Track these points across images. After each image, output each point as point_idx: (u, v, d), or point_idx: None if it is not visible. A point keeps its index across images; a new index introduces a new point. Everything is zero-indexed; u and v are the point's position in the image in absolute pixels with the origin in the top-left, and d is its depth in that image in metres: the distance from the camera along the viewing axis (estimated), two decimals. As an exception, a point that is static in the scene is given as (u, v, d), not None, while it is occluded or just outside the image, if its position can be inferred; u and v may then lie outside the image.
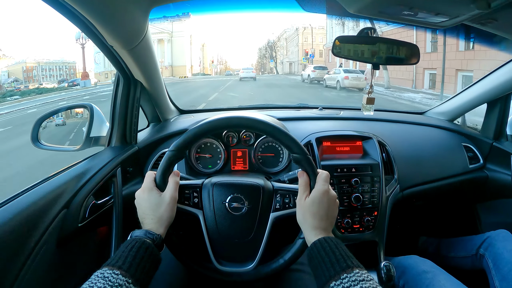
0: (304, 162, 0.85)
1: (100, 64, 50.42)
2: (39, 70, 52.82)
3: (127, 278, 0.65)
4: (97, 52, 50.40)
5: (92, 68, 53.01)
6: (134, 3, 0.95)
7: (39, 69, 52.91)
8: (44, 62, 54.01)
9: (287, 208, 0.91)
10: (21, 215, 0.81)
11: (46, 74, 53.64)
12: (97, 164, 1.15)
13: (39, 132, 1.25)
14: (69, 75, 54.86)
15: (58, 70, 55.19)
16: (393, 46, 1.17)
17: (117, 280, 0.64)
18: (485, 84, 1.64)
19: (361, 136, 1.49)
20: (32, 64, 52.86)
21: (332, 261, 0.70)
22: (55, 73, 54.57)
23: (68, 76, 53.16)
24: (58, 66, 55.16)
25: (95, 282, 0.63)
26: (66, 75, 54.65)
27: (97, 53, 50.13)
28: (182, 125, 1.60)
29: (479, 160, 1.70)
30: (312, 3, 1.32)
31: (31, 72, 52.09)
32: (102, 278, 0.64)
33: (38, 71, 52.52)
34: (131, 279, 0.65)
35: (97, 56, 50.62)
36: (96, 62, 51.47)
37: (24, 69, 51.81)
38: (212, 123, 0.89)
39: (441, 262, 1.27)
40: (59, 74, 55.03)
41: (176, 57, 50.78)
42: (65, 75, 54.80)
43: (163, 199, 0.83)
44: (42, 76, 52.27)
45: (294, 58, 52.84)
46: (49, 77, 52.58)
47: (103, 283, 0.63)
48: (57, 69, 55.01)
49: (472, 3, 0.87)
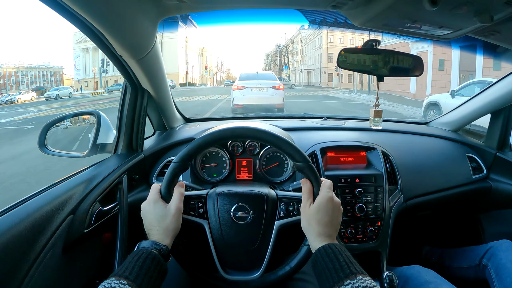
0: (307, 170, 0.86)
1: (80, 70, 47.28)
2: (20, 76, 48.77)
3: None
4: (77, 57, 47.12)
5: (72, 75, 49.88)
6: (143, 14, 0.98)
7: (19, 74, 48.99)
8: (25, 67, 50.10)
9: (292, 216, 0.91)
10: (28, 220, 0.82)
11: (27, 80, 49.34)
12: (103, 170, 1.16)
13: (46, 137, 1.27)
14: (55, 82, 50.61)
15: (42, 76, 51.21)
16: (397, 57, 1.18)
17: None
18: (489, 95, 1.65)
19: (365, 147, 1.50)
20: (11, 69, 48.95)
21: (336, 268, 0.71)
22: (38, 80, 50.57)
23: (53, 84, 48.95)
24: (42, 72, 51.39)
25: None
26: (51, 82, 50.31)
27: (77, 58, 46.53)
28: (187, 133, 1.62)
29: (482, 171, 1.70)
30: (317, 16, 1.34)
31: (9, 78, 48.34)
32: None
33: (19, 77, 48.45)
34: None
35: (77, 61, 47.51)
36: (76, 68, 48.19)
37: (1, 75, 47.96)
38: (216, 134, 0.90)
39: (444, 272, 1.27)
40: (42, 80, 50.83)
41: (166, 63, 44.60)
42: (49, 82, 50.38)
43: (168, 210, 0.84)
44: (22, 83, 48.37)
45: (314, 64, 44.27)
46: (30, 84, 48.65)
47: None
48: (40, 75, 51.13)
49: (475, 16, 0.89)
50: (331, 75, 36.95)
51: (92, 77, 44.12)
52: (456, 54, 15.94)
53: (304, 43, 49.57)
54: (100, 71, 32.13)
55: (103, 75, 32.50)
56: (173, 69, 48.77)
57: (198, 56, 64.63)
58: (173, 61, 48.72)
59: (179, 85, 45.42)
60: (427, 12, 0.84)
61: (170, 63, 47.42)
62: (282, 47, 59.90)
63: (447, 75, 16.66)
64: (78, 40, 45.83)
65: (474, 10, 0.87)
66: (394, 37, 14.06)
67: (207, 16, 1.27)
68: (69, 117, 1.39)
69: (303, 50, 50.58)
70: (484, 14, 0.88)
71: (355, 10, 0.97)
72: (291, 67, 55.51)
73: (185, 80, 51.91)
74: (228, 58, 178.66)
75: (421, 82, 18.58)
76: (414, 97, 18.96)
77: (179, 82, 47.42)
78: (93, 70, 42.17)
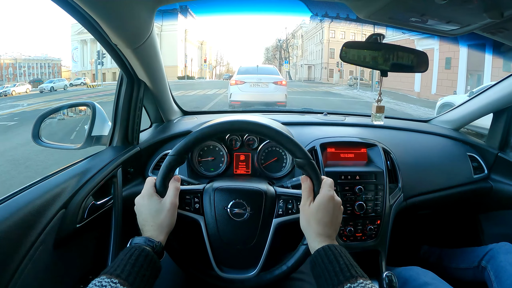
0: (308, 167, 0.85)
1: (78, 62, 47.44)
2: (17, 67, 49.12)
3: (125, 287, 0.63)
4: (75, 48, 47.25)
5: (70, 67, 49.98)
6: (140, 1, 0.94)
7: (17, 66, 49.33)
8: (23, 59, 50.28)
9: (290, 214, 0.90)
10: (17, 215, 0.80)
11: (24, 72, 49.71)
12: (97, 163, 1.14)
13: (40, 129, 1.25)
14: (53, 74, 50.94)
15: (40, 68, 51.49)
16: (401, 53, 1.16)
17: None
18: (492, 94, 1.63)
19: (366, 143, 1.48)
20: (9, 60, 49.22)
21: (335, 270, 0.69)
22: (36, 71, 50.90)
23: (51, 76, 49.11)
24: (39, 64, 51.57)
25: None
26: (49, 74, 50.65)
27: (75, 50, 46.54)
28: (185, 126, 1.59)
29: (483, 170, 1.69)
30: (321, 7, 1.31)
31: (7, 70, 48.63)
32: (100, 287, 0.62)
33: (16, 69, 48.80)
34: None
35: (75, 53, 47.62)
36: (74, 60, 48.35)
37: None
38: (214, 127, 0.88)
39: (442, 273, 1.26)
40: (40, 72, 51.16)
41: (165, 56, 42.61)
42: (47, 74, 50.69)
43: (163, 205, 0.82)
44: (20, 75, 48.68)
45: (315, 60, 44.25)
46: (27, 76, 48.81)
47: None
48: (38, 66, 51.31)
49: (485, 12, 0.87)
50: (332, 71, 36.98)
51: (90, 69, 43.95)
52: (464, 53, 15.79)
53: (305, 38, 49.31)
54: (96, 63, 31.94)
55: (99, 67, 32.32)
56: (171, 62, 48.31)
57: (197, 49, 64.59)
58: (172, 54, 48.27)
59: (177, 78, 45.17)
60: (436, 5, 0.81)
61: (168, 56, 46.90)
62: (282, 41, 59.44)
63: (454, 74, 16.52)
64: (76, 32, 45.80)
65: (484, 5, 0.85)
66: (399, 33, 14.02)
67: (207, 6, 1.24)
68: (64, 108, 1.37)
69: (303, 44, 50.33)
70: (494, 10, 0.85)
71: (361, 2, 0.95)
72: (291, 62, 55.21)
73: (184, 73, 51.80)
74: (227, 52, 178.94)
75: (426, 80, 18.49)
76: (419, 95, 18.88)
77: (177, 75, 47.20)
78: (90, 62, 42.03)
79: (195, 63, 61.39)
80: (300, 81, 41.67)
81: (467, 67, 15.82)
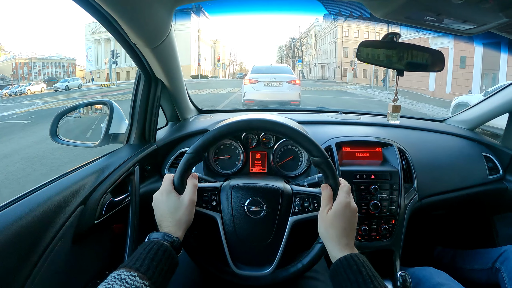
0: (325, 166, 0.85)
1: (92, 62, 48.03)
2: (32, 67, 49.65)
3: (144, 281, 0.64)
4: (89, 48, 48.09)
5: (84, 66, 50.49)
6: (159, 2, 0.96)
7: (32, 65, 49.88)
8: (38, 58, 50.81)
9: (307, 212, 0.89)
10: (38, 210, 0.82)
11: (39, 71, 50.28)
12: (115, 161, 1.15)
13: (58, 127, 1.27)
14: (67, 73, 51.38)
15: (54, 68, 51.94)
16: (416, 52, 1.15)
17: (134, 282, 0.63)
18: (508, 94, 1.61)
19: (381, 143, 1.47)
20: (24, 60, 49.84)
21: (358, 281, 0.69)
22: (51, 71, 51.30)
23: (66, 75, 49.61)
24: (54, 63, 52.08)
25: (112, 283, 0.63)
26: (63, 73, 51.09)
27: (89, 49, 47.19)
28: (201, 125, 1.60)
29: (499, 171, 1.66)
30: (337, 5, 1.31)
31: (22, 69, 49.30)
32: (119, 280, 0.63)
33: (31, 68, 49.29)
34: (148, 282, 0.65)
35: (89, 53, 48.24)
36: (88, 60, 48.92)
37: (14, 66, 48.95)
38: (232, 126, 0.88)
39: (455, 274, 1.25)
40: (55, 71, 51.68)
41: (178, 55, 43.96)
42: (62, 73, 51.13)
43: (181, 202, 0.82)
44: (35, 74, 49.23)
45: (328, 59, 43.53)
46: (42, 75, 49.44)
47: (120, 284, 0.62)
48: (52, 66, 51.79)
49: (501, 12, 0.86)
50: (345, 70, 36.48)
51: (104, 68, 44.47)
52: (479, 52, 15.47)
53: (318, 37, 48.63)
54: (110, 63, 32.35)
55: (113, 66, 32.70)
56: (185, 61, 48.40)
57: (210, 48, 64.75)
58: (185, 53, 48.55)
59: (191, 77, 45.25)
60: (452, 5, 0.81)
61: (182, 55, 46.10)
62: (296, 40, 58.71)
63: (469, 73, 16.21)
64: (90, 31, 46.41)
65: (501, 5, 0.84)
66: (413, 31, 13.80)
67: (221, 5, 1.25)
68: (81, 107, 1.39)
69: (317, 43, 49.72)
70: (510, 9, 0.85)
71: (378, 1, 0.94)
72: (304, 60, 54.45)
73: (197, 72, 51.89)
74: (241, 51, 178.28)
75: (440, 80, 18.19)
76: (433, 95, 18.60)
77: (191, 74, 47.29)
78: (105, 61, 42.52)
79: (208, 62, 61.55)
80: (314, 80, 41.42)
81: (482, 66, 15.53)
